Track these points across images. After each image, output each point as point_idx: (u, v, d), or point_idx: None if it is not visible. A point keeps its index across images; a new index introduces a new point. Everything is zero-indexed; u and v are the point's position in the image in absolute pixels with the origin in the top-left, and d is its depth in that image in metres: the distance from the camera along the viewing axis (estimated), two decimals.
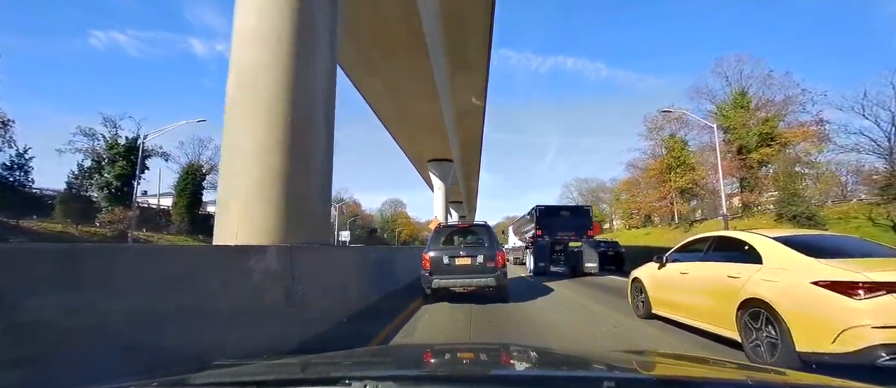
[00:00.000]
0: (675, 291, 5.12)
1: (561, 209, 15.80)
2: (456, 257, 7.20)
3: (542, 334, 5.26)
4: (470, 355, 1.79)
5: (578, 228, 14.24)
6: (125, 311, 2.34)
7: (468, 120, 23.72)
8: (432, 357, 1.68)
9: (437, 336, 5.05)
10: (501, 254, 7.35)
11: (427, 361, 1.59)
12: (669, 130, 32.85)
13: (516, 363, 1.59)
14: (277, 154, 5.49)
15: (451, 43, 14.59)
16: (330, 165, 6.60)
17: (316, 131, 6.09)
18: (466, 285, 7.07)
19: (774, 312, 3.44)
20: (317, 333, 4.53)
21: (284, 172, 5.49)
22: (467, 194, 50.17)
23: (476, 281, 7.04)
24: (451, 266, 7.11)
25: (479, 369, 1.48)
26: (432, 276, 7.05)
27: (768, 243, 3.98)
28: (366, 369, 1.39)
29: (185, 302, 2.81)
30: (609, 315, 6.32)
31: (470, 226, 8.34)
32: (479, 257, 7.16)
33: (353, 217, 62.78)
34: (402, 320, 5.80)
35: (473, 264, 7.14)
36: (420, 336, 4.98)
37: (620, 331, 5.24)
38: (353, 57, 11.97)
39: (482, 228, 8.03)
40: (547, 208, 15.05)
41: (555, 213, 15.03)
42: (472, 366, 1.50)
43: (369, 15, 9.94)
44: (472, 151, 32.37)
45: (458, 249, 7.48)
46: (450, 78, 16.85)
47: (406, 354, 2.11)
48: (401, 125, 20.08)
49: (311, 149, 5.99)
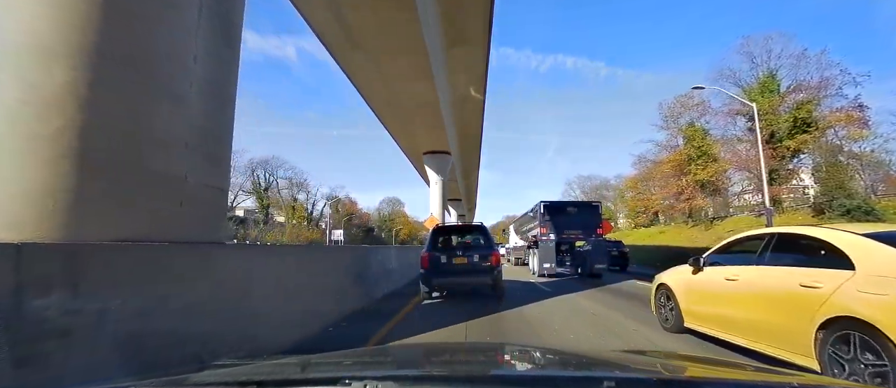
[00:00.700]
0: (719, 302, 4.18)
1: (568, 206, 14.61)
2: (453, 257, 7.52)
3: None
4: (470, 355, 1.85)
5: (586, 226, 13.31)
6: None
7: (467, 109, 22.14)
8: (432, 357, 1.75)
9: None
10: (496, 254, 7.71)
11: (427, 361, 1.64)
12: (688, 119, 30.23)
13: (516, 363, 1.63)
14: (68, 57, 2.74)
15: (445, 12, 13.29)
16: (226, 97, 3.91)
17: (175, 21, 3.30)
18: (463, 283, 7.47)
19: (883, 336, 2.58)
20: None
21: (88, 93, 2.78)
22: (466, 191, 48.01)
23: (472, 280, 7.44)
24: (448, 265, 7.40)
25: (479, 369, 1.49)
26: (430, 275, 7.32)
27: (863, 244, 3.02)
28: (366, 369, 1.42)
29: None
30: (635, 329, 5.32)
31: (467, 227, 9.17)
32: (475, 256, 7.50)
33: (348, 216, 62.40)
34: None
35: (470, 263, 7.45)
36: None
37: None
38: (335, 30, 10.83)
39: (478, 228, 8.49)
40: (552, 205, 13.92)
41: (561, 209, 13.92)
42: (472, 366, 1.55)
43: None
44: (472, 145, 30.45)
45: (455, 249, 7.85)
46: (445, 51, 15.32)
47: (406, 354, 2.09)
48: (392, 110, 18.34)
49: (167, 51, 3.24)
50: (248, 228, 50.47)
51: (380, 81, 14.29)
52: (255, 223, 52.84)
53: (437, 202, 24.79)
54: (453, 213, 53.76)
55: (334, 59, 13.13)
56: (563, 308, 6.97)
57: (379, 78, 14.03)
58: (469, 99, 20.85)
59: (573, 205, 15.09)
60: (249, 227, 50.88)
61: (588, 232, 13.21)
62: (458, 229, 8.70)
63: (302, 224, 57.14)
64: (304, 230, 54.63)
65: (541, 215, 13.46)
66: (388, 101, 16.65)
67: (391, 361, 1.72)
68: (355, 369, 1.35)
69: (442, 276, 7.30)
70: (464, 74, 17.98)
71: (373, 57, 12.27)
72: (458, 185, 40.66)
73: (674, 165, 30.16)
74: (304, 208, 60.01)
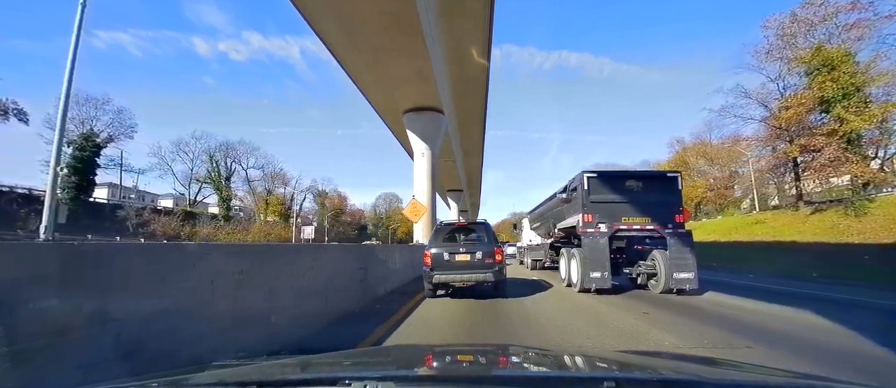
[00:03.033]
0: None
1: (628, 178, 9.39)
2: (456, 254, 7.80)
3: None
4: (470, 355, 1.87)
5: (659, 210, 8.76)
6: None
7: (460, 25, 15.19)
8: (432, 358, 1.73)
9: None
10: (499, 250, 7.95)
11: (427, 361, 1.64)
12: (820, 35, 20.25)
13: (516, 364, 1.64)
14: None
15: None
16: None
17: None
18: (466, 280, 7.69)
19: None
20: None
21: None
22: (468, 177, 41.02)
23: (475, 276, 7.66)
24: (451, 262, 7.75)
25: (479, 369, 1.52)
26: (433, 271, 7.70)
27: None
28: (366, 369, 1.45)
29: None
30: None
31: (469, 224, 8.94)
32: (477, 253, 7.75)
33: (336, 212, 60.20)
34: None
35: (472, 260, 7.73)
36: None
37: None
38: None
39: (481, 226, 8.66)
40: (604, 176, 9.17)
41: (618, 184, 9.05)
42: (473, 367, 1.58)
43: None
44: (472, 98, 21.69)
45: (457, 246, 8.01)
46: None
47: (406, 354, 2.10)
48: (349, 32, 12.66)
49: None
50: (199, 224, 40.86)
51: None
52: (214, 219, 44.52)
53: (423, 182, 18.42)
54: (453, 207, 49.70)
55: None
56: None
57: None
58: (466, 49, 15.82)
59: (637, 176, 9.65)
60: (202, 223, 41.32)
61: (662, 220, 8.69)
62: (460, 227, 8.81)
63: (279, 220, 50.78)
64: (280, 228, 48.24)
65: (584, 195, 8.85)
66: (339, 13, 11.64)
67: (391, 361, 1.77)
68: (355, 369, 1.41)
69: (444, 272, 7.70)
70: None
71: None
72: (457, 168, 32.96)
73: (793, 113, 20.53)
74: (280, 201, 53.54)
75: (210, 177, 48.17)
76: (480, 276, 7.62)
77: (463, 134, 27.63)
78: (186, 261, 3.05)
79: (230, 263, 3.53)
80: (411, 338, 4.90)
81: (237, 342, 3.41)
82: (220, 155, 48.58)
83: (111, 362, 2.32)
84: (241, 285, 3.57)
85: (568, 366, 1.58)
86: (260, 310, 3.88)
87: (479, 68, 18.16)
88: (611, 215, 8.77)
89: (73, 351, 2.16)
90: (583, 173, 8.99)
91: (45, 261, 2.10)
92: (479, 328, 5.55)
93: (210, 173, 48.14)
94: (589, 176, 8.93)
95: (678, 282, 8.32)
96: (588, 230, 8.73)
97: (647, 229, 8.79)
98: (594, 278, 8.45)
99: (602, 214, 8.77)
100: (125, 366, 2.36)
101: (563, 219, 10.92)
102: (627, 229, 8.80)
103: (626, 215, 8.79)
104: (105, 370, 2.26)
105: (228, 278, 3.45)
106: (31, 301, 1.99)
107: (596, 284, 8.46)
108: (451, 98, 20.19)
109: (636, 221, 8.78)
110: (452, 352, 2.00)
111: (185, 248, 3.97)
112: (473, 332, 5.30)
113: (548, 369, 1.55)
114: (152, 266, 2.75)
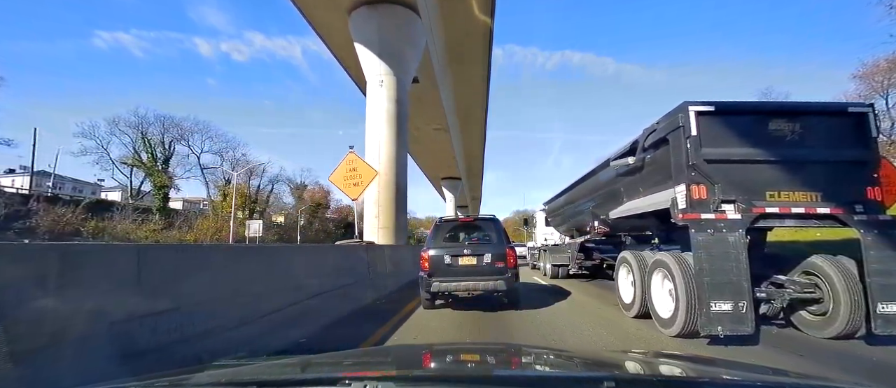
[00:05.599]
0: None
1: (772, 114, 5.08)
2: (459, 257, 6.71)
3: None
4: (470, 355, 1.89)
5: (833, 176, 4.86)
6: None
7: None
8: (432, 358, 1.75)
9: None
10: (512, 252, 6.80)
11: (427, 361, 1.66)
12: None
13: (516, 364, 1.69)
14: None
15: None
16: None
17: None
18: (471, 288, 6.56)
19: None
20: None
21: None
22: (467, 162, 42.65)
23: (482, 284, 6.52)
24: (453, 267, 6.67)
25: (479, 369, 1.55)
26: (432, 278, 6.61)
27: None
28: (366, 369, 1.48)
29: None
30: None
31: (475, 220, 7.87)
32: (485, 255, 6.64)
33: (316, 206, 57.46)
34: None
35: (480, 264, 6.63)
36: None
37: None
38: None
39: (489, 222, 7.40)
40: (726, 109, 4.98)
41: (752, 126, 4.98)
42: (472, 367, 1.62)
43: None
44: (468, 18, 17.56)
45: (461, 246, 6.96)
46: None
47: (406, 354, 2.15)
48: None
49: None
50: (113, 216, 31.89)
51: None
52: (147, 212, 35.09)
53: (382, 130, 12.77)
54: (449, 199, 46.96)
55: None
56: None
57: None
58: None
59: (790, 111, 5.15)
60: (117, 215, 32.21)
61: (845, 196, 4.78)
62: (465, 224, 7.71)
63: (245, 216, 41.86)
64: (238, 224, 37.66)
65: (691, 148, 4.80)
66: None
67: (391, 361, 1.79)
68: (355, 369, 1.43)
69: (445, 279, 6.59)
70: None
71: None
72: (452, 144, 26.12)
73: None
74: (243, 193, 43.93)
75: (137, 158, 38.27)
76: (489, 283, 6.45)
77: (456, 76, 18.52)
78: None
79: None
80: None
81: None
82: (156, 132, 38.81)
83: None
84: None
85: (568, 366, 1.62)
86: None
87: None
88: (744, 186, 4.83)
89: None
90: (686, 106, 4.87)
91: None
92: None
93: (136, 153, 38.22)
94: (698, 111, 4.83)
95: (885, 320, 4.28)
96: (704, 216, 4.66)
97: (819, 214, 4.79)
98: (721, 314, 4.30)
99: (728, 184, 4.80)
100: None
101: (625, 200, 7.11)
102: (779, 213, 4.80)
103: (773, 187, 4.86)
104: None
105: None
106: None
107: (726, 325, 4.28)
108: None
109: (796, 197, 4.83)
110: (452, 352, 2.03)
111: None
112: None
113: (548, 369, 1.57)
114: None
